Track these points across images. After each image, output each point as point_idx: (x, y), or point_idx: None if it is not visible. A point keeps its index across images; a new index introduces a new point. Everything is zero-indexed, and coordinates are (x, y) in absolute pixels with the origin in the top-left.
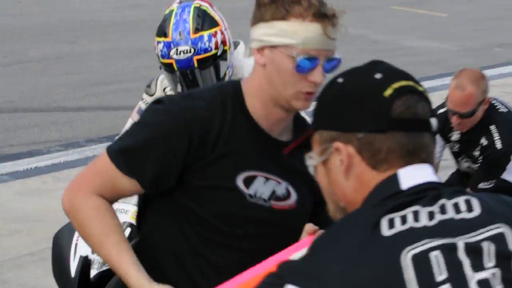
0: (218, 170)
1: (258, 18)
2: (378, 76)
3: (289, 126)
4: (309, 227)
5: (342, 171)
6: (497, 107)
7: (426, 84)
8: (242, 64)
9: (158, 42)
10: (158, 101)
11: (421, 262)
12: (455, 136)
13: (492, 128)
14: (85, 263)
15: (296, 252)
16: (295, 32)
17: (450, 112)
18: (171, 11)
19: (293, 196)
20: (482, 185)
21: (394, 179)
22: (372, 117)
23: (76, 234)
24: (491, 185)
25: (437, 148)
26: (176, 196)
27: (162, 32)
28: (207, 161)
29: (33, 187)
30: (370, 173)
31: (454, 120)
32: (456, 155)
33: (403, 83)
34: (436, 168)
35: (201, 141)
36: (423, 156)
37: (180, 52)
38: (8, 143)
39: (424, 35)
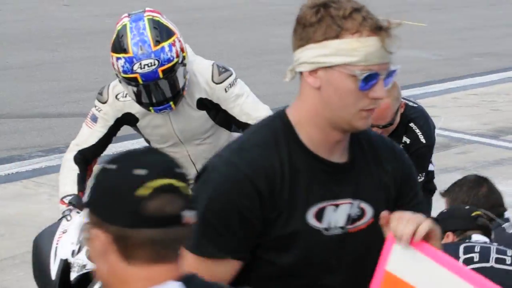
0: (289, 215)
1: (306, 39)
2: (139, 172)
3: (346, 146)
4: (381, 214)
5: (99, 254)
6: (409, 104)
7: (406, 93)
8: (191, 65)
9: (118, 58)
10: (205, 169)
11: None
12: None
13: (412, 125)
14: (65, 266)
15: (385, 259)
16: (353, 49)
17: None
18: (124, 26)
19: (369, 211)
20: None
21: None
22: (124, 214)
23: (56, 237)
24: (423, 179)
25: None
26: (256, 254)
27: (120, 48)
28: (278, 209)
29: (14, 191)
30: (122, 264)
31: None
32: None
33: (162, 181)
34: None
35: (270, 190)
36: (173, 251)
37: (144, 66)
38: None
39: (404, 44)
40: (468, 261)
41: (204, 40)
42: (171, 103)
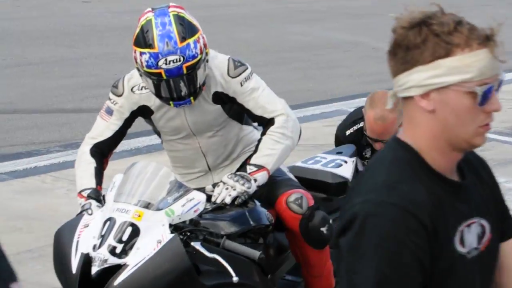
0: (447, 247)
1: (412, 62)
2: None
3: None
4: None
5: None
6: None
7: None
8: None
9: (142, 53)
10: (354, 219)
11: None
12: (368, 153)
13: None
14: (86, 260)
15: None
16: (468, 65)
17: (372, 140)
18: (149, 21)
19: (487, 226)
20: None
21: None
22: None
23: (78, 231)
24: None
25: (360, 169)
26: None
27: (145, 43)
28: (439, 241)
29: (32, 186)
30: None
31: (378, 146)
32: None
33: None
34: None
35: (431, 224)
36: None
37: (169, 62)
38: (8, 143)
39: None
40: None
41: (220, 38)
42: (191, 98)
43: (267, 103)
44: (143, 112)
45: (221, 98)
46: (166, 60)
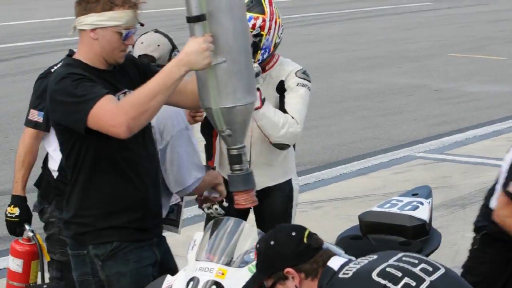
0: None
1: (89, 10)
2: (293, 233)
3: None
4: None
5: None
6: None
7: (491, 128)
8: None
9: None
10: None
11: None
12: None
13: None
14: None
15: None
16: (121, 17)
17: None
18: None
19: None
20: None
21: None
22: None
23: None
24: None
25: None
26: None
27: None
28: None
29: None
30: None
31: None
32: None
33: (307, 230)
34: None
35: None
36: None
37: None
38: None
39: (484, 79)
40: None
41: None
42: None
43: (296, 111)
44: None
45: (281, 88)
46: None
